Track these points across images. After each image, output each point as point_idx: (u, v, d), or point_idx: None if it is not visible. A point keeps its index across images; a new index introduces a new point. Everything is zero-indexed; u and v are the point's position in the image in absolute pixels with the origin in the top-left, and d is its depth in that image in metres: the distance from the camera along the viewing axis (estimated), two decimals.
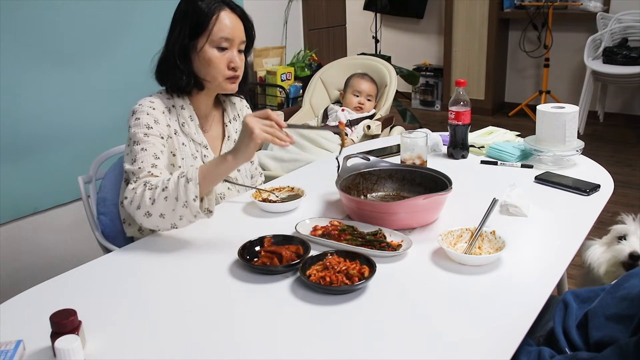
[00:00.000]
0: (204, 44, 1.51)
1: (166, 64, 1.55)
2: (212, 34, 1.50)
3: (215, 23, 1.50)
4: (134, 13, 2.69)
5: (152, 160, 1.45)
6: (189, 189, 1.29)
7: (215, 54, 1.51)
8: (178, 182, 1.31)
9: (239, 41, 1.54)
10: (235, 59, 1.54)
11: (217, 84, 1.56)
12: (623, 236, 1.54)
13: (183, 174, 1.31)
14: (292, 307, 1.08)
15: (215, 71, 1.53)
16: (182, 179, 1.30)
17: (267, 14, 3.67)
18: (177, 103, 1.58)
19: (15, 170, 2.38)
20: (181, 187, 1.30)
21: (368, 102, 2.94)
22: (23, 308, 1.12)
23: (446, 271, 1.19)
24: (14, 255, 2.45)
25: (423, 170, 1.59)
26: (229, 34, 1.51)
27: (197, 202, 1.29)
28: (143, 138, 1.48)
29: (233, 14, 1.53)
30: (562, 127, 1.74)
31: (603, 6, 4.65)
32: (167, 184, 1.32)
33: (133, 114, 1.52)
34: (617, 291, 1.04)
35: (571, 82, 5.07)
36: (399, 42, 5.87)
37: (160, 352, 0.97)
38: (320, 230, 1.36)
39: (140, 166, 1.42)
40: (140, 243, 1.40)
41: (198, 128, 1.61)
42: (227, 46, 1.52)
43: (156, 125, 1.50)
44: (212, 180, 1.32)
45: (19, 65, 2.33)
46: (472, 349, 0.95)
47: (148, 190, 1.34)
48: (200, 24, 1.50)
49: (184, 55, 1.53)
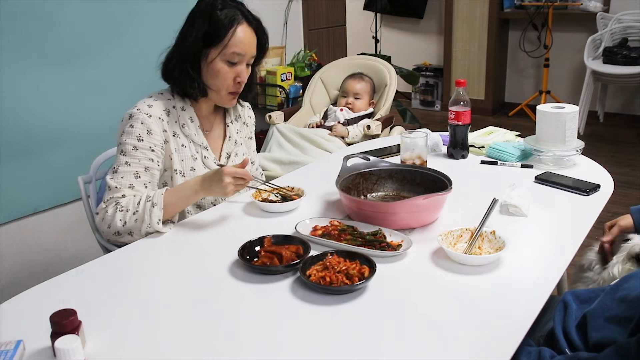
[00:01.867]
0: (215, 56, 1.51)
1: (175, 66, 1.54)
2: (226, 48, 1.50)
3: (231, 37, 1.49)
4: (135, 13, 2.69)
5: (131, 180, 1.49)
6: (153, 212, 1.41)
7: (224, 67, 1.52)
8: (145, 205, 1.42)
9: (250, 56, 1.55)
10: (243, 74, 1.55)
11: (218, 95, 1.57)
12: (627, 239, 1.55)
13: (149, 198, 1.43)
14: (292, 307, 1.08)
15: (221, 83, 1.54)
16: (148, 202, 1.42)
17: (267, 14, 3.63)
18: (178, 104, 1.58)
19: (15, 170, 2.38)
20: (147, 210, 1.41)
21: (358, 100, 2.94)
22: (23, 308, 1.12)
23: (446, 271, 1.19)
24: (14, 255, 2.45)
25: (423, 170, 1.59)
26: (242, 49, 1.51)
27: (159, 225, 1.41)
28: (131, 151, 1.49)
29: (249, 28, 1.53)
30: (562, 127, 1.74)
31: (603, 6, 4.65)
32: (138, 209, 1.42)
33: (129, 118, 1.51)
34: (617, 292, 1.04)
35: (571, 82, 5.07)
36: (399, 42, 5.87)
37: (160, 352, 0.97)
38: (320, 230, 1.36)
39: (118, 184, 1.47)
40: (140, 243, 1.40)
41: (198, 129, 1.61)
42: (238, 61, 1.52)
43: (148, 137, 1.50)
44: (176, 205, 1.46)
45: (19, 65, 2.33)
46: (472, 349, 0.95)
47: (119, 212, 1.43)
48: (216, 35, 1.49)
49: (195, 61, 1.52)
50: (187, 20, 1.54)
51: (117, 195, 1.47)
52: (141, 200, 1.43)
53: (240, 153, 1.72)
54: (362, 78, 2.98)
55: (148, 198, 1.43)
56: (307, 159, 2.56)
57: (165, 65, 1.57)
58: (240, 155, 1.72)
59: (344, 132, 2.81)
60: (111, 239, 1.46)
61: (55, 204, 2.56)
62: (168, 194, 1.45)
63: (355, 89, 2.94)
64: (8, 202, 2.38)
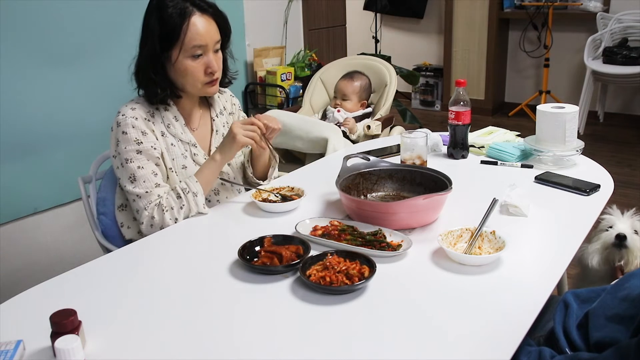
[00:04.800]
0: (177, 56, 1.47)
1: (141, 74, 1.52)
2: (184, 44, 1.45)
3: (186, 32, 1.44)
4: (135, 12, 2.68)
5: (153, 179, 1.50)
6: (198, 201, 1.50)
7: (190, 63, 1.48)
8: (187, 197, 1.49)
9: (213, 43, 1.50)
10: (212, 63, 1.50)
11: (196, 90, 1.55)
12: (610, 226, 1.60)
13: (188, 190, 1.49)
14: (292, 307, 1.08)
15: (193, 79, 1.51)
16: (189, 194, 1.49)
17: (267, 14, 3.66)
18: (160, 105, 1.57)
19: (15, 170, 2.38)
20: (191, 201, 1.49)
21: (347, 101, 2.91)
22: (23, 308, 1.12)
23: (446, 271, 1.19)
24: (14, 255, 2.45)
25: (423, 170, 1.59)
26: (202, 40, 1.46)
27: (205, 208, 1.52)
28: (136, 156, 1.49)
29: (203, 16, 1.47)
30: (562, 127, 1.74)
31: (603, 6, 4.65)
32: (182, 202, 1.49)
33: (118, 125, 1.50)
34: (618, 291, 1.04)
35: (571, 82, 5.07)
36: (399, 42, 5.87)
37: (160, 352, 0.97)
38: (320, 230, 1.36)
39: (147, 189, 1.49)
40: (140, 243, 1.40)
41: (185, 127, 1.60)
42: (202, 52, 1.48)
43: (145, 137, 1.50)
44: (209, 182, 1.55)
45: (19, 65, 2.33)
46: (472, 349, 0.95)
47: (167, 213, 1.47)
48: (170, 34, 1.45)
49: (157, 66, 1.49)
50: (142, 25, 1.50)
51: (153, 199, 1.49)
52: (181, 194, 1.49)
53: None
54: (352, 79, 2.92)
55: (185, 190, 1.49)
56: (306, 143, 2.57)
57: (136, 77, 1.54)
58: None
59: (353, 127, 2.77)
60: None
61: (55, 204, 2.56)
62: (200, 178, 1.52)
63: (343, 90, 2.91)
64: (8, 202, 2.39)
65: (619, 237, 1.57)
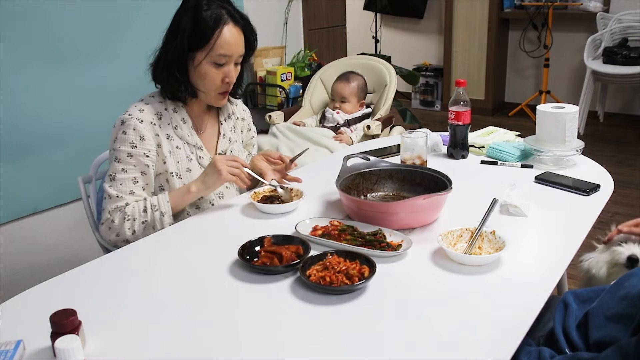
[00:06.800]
0: (202, 59, 1.49)
1: (163, 69, 1.53)
2: (212, 51, 1.48)
3: (217, 39, 1.47)
4: (135, 12, 2.69)
5: (130, 186, 1.51)
6: (164, 221, 1.49)
7: (211, 69, 1.51)
8: (153, 214, 1.48)
9: (238, 55, 1.53)
10: (231, 74, 1.53)
11: (208, 95, 1.57)
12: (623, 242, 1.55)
13: (157, 208, 1.48)
14: (292, 307, 1.08)
15: (209, 85, 1.54)
16: (156, 212, 1.48)
17: (267, 14, 3.67)
18: (170, 106, 1.58)
19: (15, 170, 2.38)
20: (157, 219, 1.48)
21: (345, 103, 2.91)
22: (23, 308, 1.12)
23: (446, 271, 1.19)
24: (14, 255, 2.45)
25: (423, 170, 1.59)
26: (229, 51, 1.49)
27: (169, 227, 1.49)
28: (125, 158, 1.50)
29: (236, 28, 1.50)
30: (562, 127, 1.74)
31: (603, 6, 4.65)
32: (146, 218, 1.48)
33: (122, 124, 1.51)
34: (617, 291, 1.04)
35: (571, 82, 5.07)
36: (399, 42, 5.87)
37: (161, 352, 0.97)
38: (320, 230, 1.36)
39: (119, 194, 1.49)
40: (140, 243, 1.40)
41: (192, 130, 1.61)
42: (225, 62, 1.51)
43: (141, 143, 1.50)
44: (177, 208, 1.52)
45: (19, 65, 2.34)
46: (472, 349, 0.95)
47: (127, 221, 1.48)
48: (202, 37, 1.47)
49: (182, 64, 1.51)
50: (173, 21, 1.52)
51: (120, 204, 1.49)
52: (147, 208, 1.48)
53: (235, 151, 1.72)
54: (349, 81, 2.92)
55: (154, 207, 1.48)
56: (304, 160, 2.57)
57: (153, 68, 1.56)
58: (235, 153, 1.72)
59: (348, 141, 2.78)
60: (118, 245, 1.48)
61: (56, 204, 2.57)
62: (172, 199, 1.50)
63: (341, 93, 2.90)
64: (8, 202, 2.39)
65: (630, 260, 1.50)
